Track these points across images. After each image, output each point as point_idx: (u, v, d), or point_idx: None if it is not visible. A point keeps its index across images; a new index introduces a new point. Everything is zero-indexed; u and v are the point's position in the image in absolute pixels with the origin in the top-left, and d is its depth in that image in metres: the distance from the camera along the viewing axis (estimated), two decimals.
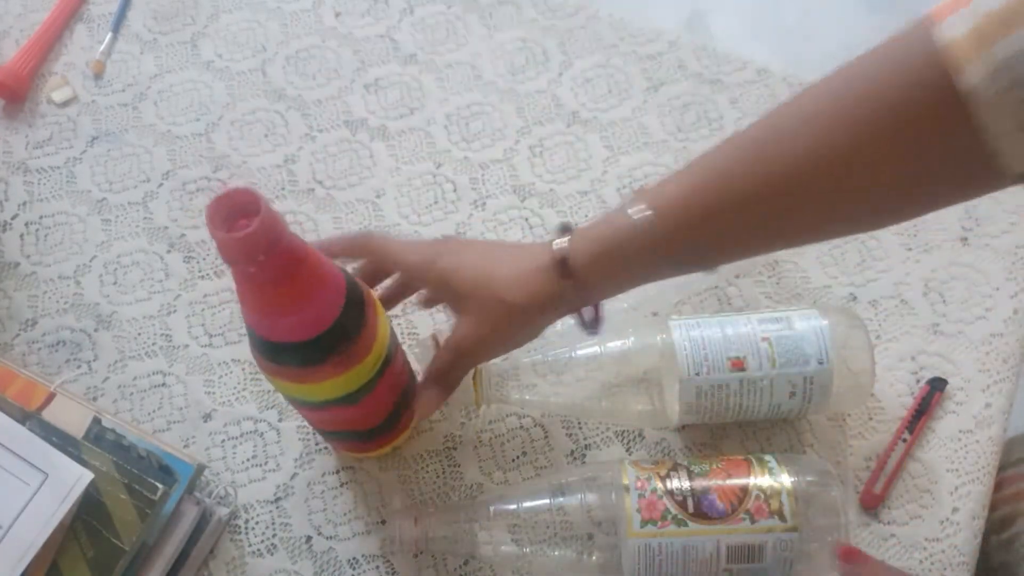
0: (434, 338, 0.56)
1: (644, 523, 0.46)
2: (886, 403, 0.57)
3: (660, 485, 0.48)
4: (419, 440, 0.57)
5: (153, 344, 0.62)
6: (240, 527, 0.56)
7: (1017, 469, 0.63)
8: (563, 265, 0.46)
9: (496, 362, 0.55)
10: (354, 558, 0.54)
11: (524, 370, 0.54)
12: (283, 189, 0.68)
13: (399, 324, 0.62)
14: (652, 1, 1.73)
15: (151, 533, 0.51)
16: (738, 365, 0.51)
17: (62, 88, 0.73)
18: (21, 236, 0.67)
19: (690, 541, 0.46)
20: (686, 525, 0.47)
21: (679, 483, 0.48)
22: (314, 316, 0.41)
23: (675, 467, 0.49)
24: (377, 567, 0.54)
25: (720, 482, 0.48)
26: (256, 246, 0.35)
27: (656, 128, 0.68)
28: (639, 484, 0.48)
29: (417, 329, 0.61)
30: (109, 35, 0.75)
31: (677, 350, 0.52)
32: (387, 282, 0.54)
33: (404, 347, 0.53)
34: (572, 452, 0.57)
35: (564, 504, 0.48)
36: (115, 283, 0.65)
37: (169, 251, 0.66)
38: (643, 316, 0.60)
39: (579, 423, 0.58)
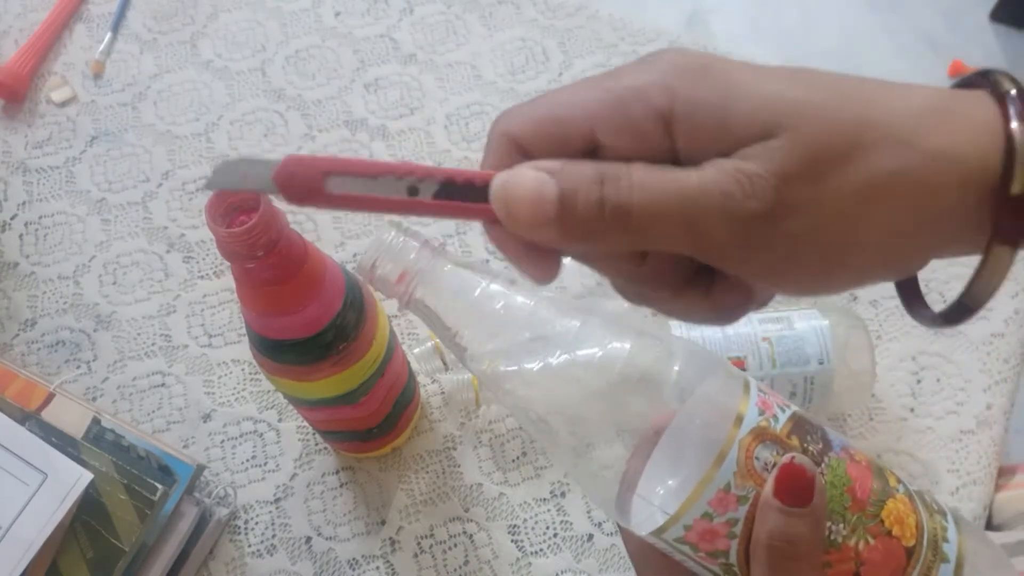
0: (436, 344, 0.56)
1: None
2: (886, 403, 0.57)
3: None
4: (419, 440, 0.57)
5: (152, 344, 0.62)
6: (240, 528, 0.56)
7: None
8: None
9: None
10: (354, 558, 0.54)
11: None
12: None
13: (399, 324, 0.62)
14: (652, 1, 1.73)
15: (151, 533, 0.51)
16: (738, 365, 0.51)
17: (61, 88, 0.73)
18: (20, 236, 0.67)
19: None
20: None
21: None
22: (313, 314, 0.41)
23: None
24: (377, 567, 0.54)
25: None
26: (255, 241, 0.36)
27: None
28: None
29: (417, 329, 0.61)
30: (108, 35, 0.75)
31: None
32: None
33: (404, 347, 0.53)
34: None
35: None
36: (114, 283, 0.64)
37: (168, 251, 0.66)
38: (643, 316, 0.60)
39: None
